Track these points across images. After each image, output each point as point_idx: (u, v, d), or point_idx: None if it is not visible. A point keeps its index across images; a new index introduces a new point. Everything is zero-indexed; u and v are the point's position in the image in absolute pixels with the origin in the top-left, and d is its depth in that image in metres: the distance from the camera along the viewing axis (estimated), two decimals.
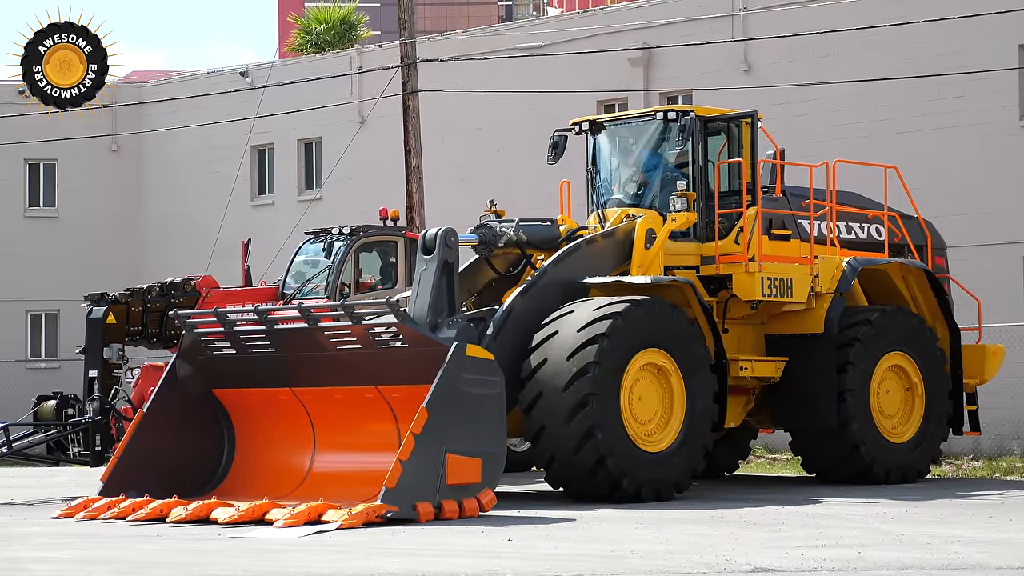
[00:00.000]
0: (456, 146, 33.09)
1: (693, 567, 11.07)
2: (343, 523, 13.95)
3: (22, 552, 12.64)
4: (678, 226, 18.74)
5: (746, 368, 18.91)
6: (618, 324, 16.80)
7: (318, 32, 43.14)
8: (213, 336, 16.68)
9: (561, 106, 29.36)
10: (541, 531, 13.90)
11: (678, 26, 30.23)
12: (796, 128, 27.21)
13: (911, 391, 19.78)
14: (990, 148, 27.20)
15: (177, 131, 37.17)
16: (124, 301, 21.38)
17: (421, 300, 16.81)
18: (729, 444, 21.04)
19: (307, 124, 35.59)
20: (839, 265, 19.55)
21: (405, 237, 23.13)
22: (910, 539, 12.97)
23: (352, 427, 16.29)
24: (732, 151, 19.12)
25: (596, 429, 16.54)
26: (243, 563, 11.55)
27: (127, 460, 16.15)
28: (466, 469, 14.98)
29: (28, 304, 38.57)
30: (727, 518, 15.03)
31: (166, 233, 38.59)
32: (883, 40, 27.48)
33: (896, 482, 19.36)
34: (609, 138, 19.63)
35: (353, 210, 31.82)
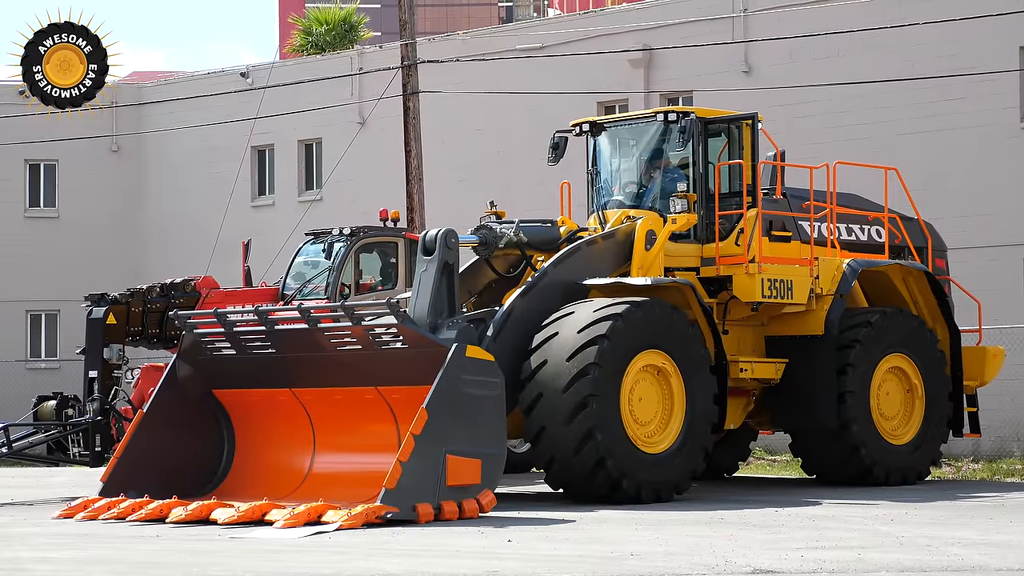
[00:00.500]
0: (456, 147, 33.08)
1: (693, 568, 11.06)
2: (343, 524, 13.95)
3: (22, 552, 12.63)
4: (678, 227, 18.73)
5: (746, 369, 18.90)
6: (618, 325, 16.80)
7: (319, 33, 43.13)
8: (213, 337, 16.68)
9: (561, 107, 29.37)
10: (541, 532, 13.89)
11: (678, 27, 30.21)
12: (796, 130, 27.20)
13: (911, 393, 19.77)
14: (990, 150, 27.18)
15: (178, 132, 37.15)
16: (124, 301, 21.38)
17: (421, 301, 16.81)
18: (729, 446, 21.04)
19: (307, 125, 35.58)
20: (839, 267, 19.54)
21: (405, 238, 23.12)
22: (910, 541, 12.97)
23: (352, 428, 16.28)
24: (732, 152, 19.12)
25: (596, 430, 16.53)
26: (243, 564, 11.54)
27: (127, 460, 16.15)
28: (466, 470, 14.98)
29: (28, 304, 38.56)
30: (727, 519, 15.03)
31: (166, 234, 38.58)
32: (883, 42, 27.47)
33: (896, 484, 19.35)
34: (609, 139, 19.63)
35: (353, 211, 31.82)
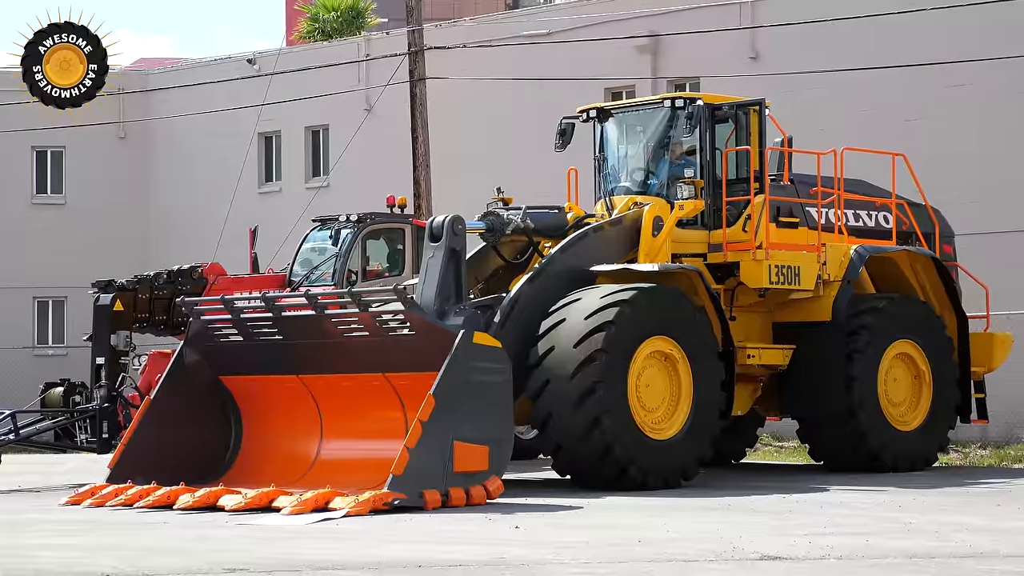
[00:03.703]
0: (463, 133, 33.03)
1: (700, 555, 11.06)
2: (350, 510, 13.96)
3: (29, 539, 12.64)
4: (685, 214, 18.71)
5: (753, 356, 18.89)
6: (625, 312, 16.78)
7: (326, 19, 43.07)
8: (220, 323, 16.68)
9: (568, 94, 29.30)
10: (548, 519, 13.89)
11: (686, 14, 30.14)
12: (804, 115, 27.12)
13: (919, 379, 19.75)
14: (998, 136, 27.11)
15: (184, 118, 37.12)
16: (131, 288, 21.37)
17: (428, 287, 16.79)
18: (736, 432, 21.01)
19: (314, 111, 35.54)
20: (847, 253, 19.52)
21: (412, 224, 23.09)
22: (918, 527, 12.96)
23: (359, 414, 16.28)
24: (740, 139, 19.09)
25: (603, 416, 16.52)
26: (250, 550, 11.54)
27: (134, 447, 16.16)
28: (473, 457, 14.98)
29: (35, 291, 38.56)
30: (734, 506, 15.02)
31: (173, 220, 38.57)
32: (891, 27, 27.40)
33: (904, 470, 19.34)
34: (616, 126, 19.60)
35: (360, 197, 31.78)
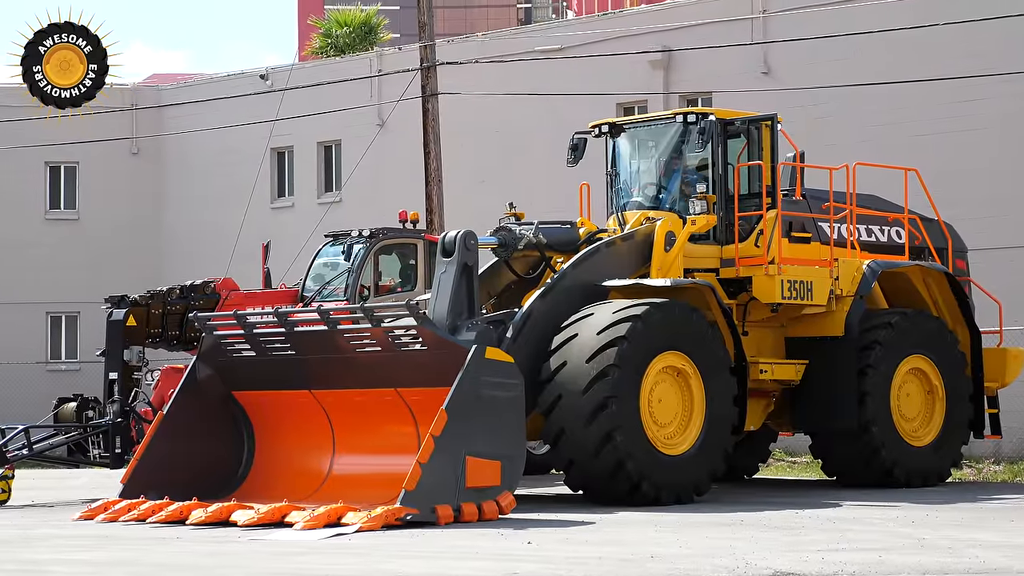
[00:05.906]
0: (476, 149, 33.08)
1: (713, 571, 11.04)
2: (363, 526, 13.95)
3: (43, 554, 12.66)
4: (698, 229, 18.71)
5: (766, 371, 18.87)
6: (638, 327, 16.78)
7: (338, 35, 43.17)
8: (233, 338, 16.69)
9: (581, 109, 29.34)
10: (561, 534, 13.88)
11: (698, 29, 30.16)
12: (816, 130, 27.13)
13: (932, 394, 19.72)
14: (1011, 150, 27.09)
15: (197, 134, 37.20)
16: (144, 303, 21.41)
17: (440, 303, 16.80)
18: (749, 447, 21.01)
19: (327, 127, 35.61)
20: (859, 268, 19.50)
21: (424, 240, 23.11)
22: (931, 543, 12.93)
23: (371, 429, 16.28)
24: (752, 154, 19.09)
25: (616, 432, 16.51)
26: (263, 566, 11.55)
27: (147, 462, 16.17)
28: (485, 472, 14.97)
29: (49, 306, 38.65)
30: (747, 521, 15.00)
31: (186, 235, 38.64)
32: (904, 42, 27.39)
33: (917, 486, 19.30)
34: (629, 140, 19.61)
35: (372, 213, 31.82)
